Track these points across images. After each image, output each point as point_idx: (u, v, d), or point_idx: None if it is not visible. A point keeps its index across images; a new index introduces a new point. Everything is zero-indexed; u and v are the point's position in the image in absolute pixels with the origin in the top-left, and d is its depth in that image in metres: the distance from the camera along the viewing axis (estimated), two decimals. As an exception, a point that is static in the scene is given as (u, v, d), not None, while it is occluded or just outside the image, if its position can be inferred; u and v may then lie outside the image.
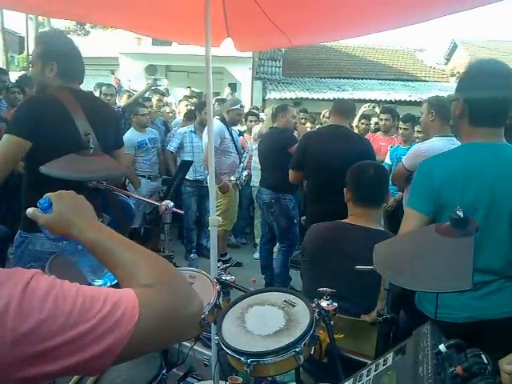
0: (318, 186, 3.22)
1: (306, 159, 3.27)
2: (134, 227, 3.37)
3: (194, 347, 1.70)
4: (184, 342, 1.60)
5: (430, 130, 3.02)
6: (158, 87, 5.69)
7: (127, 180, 4.31)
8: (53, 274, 1.64)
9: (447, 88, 13.38)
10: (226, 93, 8.25)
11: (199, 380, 1.97)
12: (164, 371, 1.39)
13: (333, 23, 2.41)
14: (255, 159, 4.76)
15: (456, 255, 1.08)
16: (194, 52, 2.59)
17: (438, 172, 1.54)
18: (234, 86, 9.62)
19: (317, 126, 5.79)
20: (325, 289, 1.39)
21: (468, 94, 1.57)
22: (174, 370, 1.84)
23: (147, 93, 5.38)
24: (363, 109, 3.47)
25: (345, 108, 3.34)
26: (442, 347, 0.80)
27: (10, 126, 1.93)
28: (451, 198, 1.51)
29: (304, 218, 3.67)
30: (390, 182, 3.83)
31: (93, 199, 2.02)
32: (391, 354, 0.91)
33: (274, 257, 4.29)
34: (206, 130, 3.85)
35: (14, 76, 6.64)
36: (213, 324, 1.48)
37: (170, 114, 6.30)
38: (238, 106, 4.71)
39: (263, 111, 6.82)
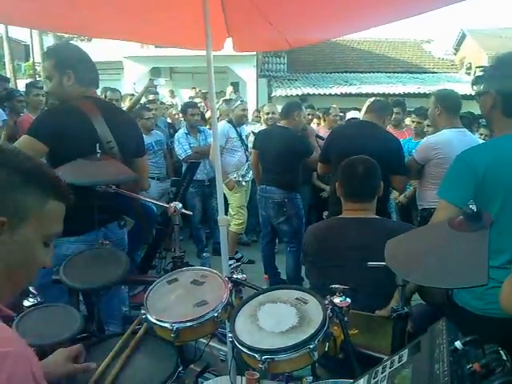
0: None
1: (329, 152, 3.21)
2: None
3: (210, 343, 1.71)
4: (200, 339, 1.60)
5: (438, 123, 3.01)
6: (156, 87, 5.71)
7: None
8: (68, 275, 1.66)
9: (457, 79, 13.22)
10: (228, 92, 8.21)
11: (216, 376, 1.97)
12: (180, 369, 1.39)
13: (331, 21, 2.38)
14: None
15: (470, 250, 1.05)
16: (197, 53, 2.60)
17: (480, 162, 1.50)
18: (236, 85, 9.59)
19: (322, 123, 5.76)
20: (337, 285, 1.38)
21: (501, 85, 1.53)
22: (192, 366, 1.85)
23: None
24: (367, 104, 3.40)
25: (379, 106, 3.26)
26: (458, 344, 0.79)
27: (29, 129, 1.99)
28: (496, 188, 1.48)
29: (327, 213, 3.60)
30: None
31: (116, 203, 2.10)
32: (406, 350, 0.90)
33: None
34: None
35: (21, 84, 6.70)
36: (226, 321, 1.48)
37: (176, 116, 6.32)
38: (239, 102, 4.73)
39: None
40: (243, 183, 4.65)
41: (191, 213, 2.46)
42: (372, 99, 3.61)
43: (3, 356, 0.65)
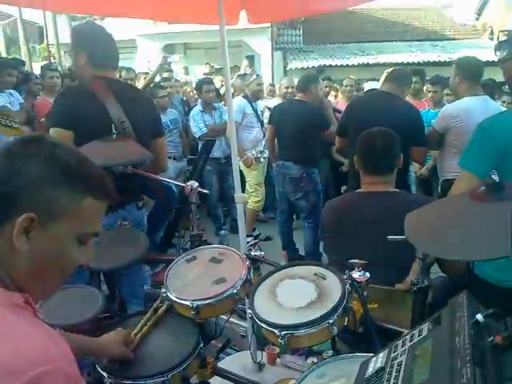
0: None
1: (347, 125, 3.14)
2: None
3: (231, 319, 1.74)
4: (220, 316, 1.63)
5: (459, 92, 2.96)
6: (170, 64, 5.62)
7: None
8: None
9: (479, 45, 12.63)
10: (243, 66, 8.05)
11: (237, 351, 2.02)
12: (202, 345, 1.42)
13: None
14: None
15: (493, 221, 1.03)
16: (210, 28, 2.56)
17: (501, 133, 1.48)
18: (251, 58, 9.38)
19: (339, 95, 5.62)
20: (356, 260, 1.37)
21: None
22: (213, 342, 1.90)
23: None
24: (385, 74, 3.30)
25: (397, 76, 3.15)
26: (479, 317, 0.77)
27: (52, 120, 2.01)
28: None
29: (345, 187, 3.56)
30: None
31: (133, 184, 2.13)
32: (427, 324, 0.89)
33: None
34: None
35: (36, 66, 6.70)
36: (246, 297, 1.50)
37: (191, 93, 6.25)
38: (255, 76, 4.67)
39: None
40: (261, 159, 4.63)
41: (208, 191, 2.47)
42: (390, 69, 3.51)
43: (41, 376, 0.61)
